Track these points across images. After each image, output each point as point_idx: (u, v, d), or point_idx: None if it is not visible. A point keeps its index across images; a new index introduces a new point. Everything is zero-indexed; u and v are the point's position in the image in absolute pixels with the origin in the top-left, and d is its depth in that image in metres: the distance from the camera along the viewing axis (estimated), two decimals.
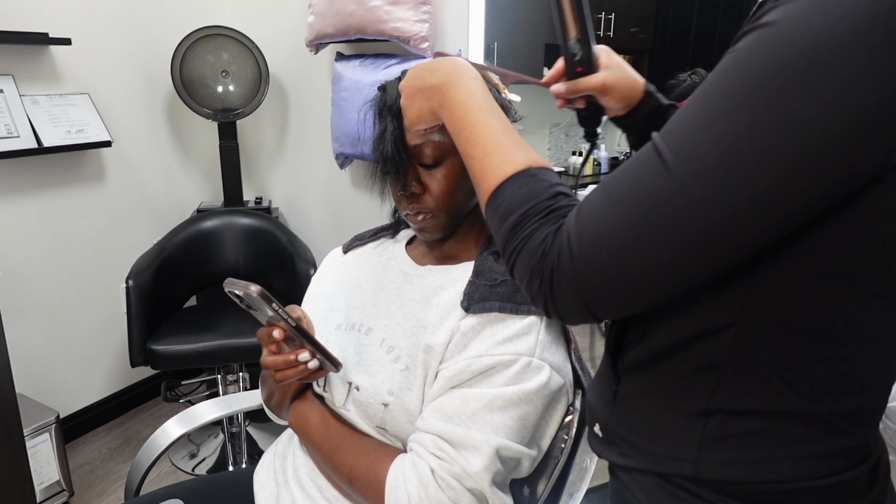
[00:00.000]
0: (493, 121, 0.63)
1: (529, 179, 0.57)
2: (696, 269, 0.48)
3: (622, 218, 0.48)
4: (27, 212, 1.95)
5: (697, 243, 0.46)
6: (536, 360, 0.78)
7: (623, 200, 0.49)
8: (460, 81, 0.67)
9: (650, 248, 0.47)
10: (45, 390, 2.05)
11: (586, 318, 0.53)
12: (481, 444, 0.74)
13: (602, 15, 3.41)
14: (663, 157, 0.47)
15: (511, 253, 0.56)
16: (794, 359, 0.52)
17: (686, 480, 0.57)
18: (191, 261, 2.12)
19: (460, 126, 0.64)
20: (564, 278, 0.51)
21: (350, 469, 0.81)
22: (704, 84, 0.47)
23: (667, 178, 0.46)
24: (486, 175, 0.60)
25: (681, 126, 0.47)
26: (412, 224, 0.90)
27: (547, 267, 0.52)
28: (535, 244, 0.53)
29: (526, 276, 0.54)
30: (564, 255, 0.51)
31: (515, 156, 0.59)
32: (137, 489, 1.11)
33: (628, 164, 0.51)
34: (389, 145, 0.84)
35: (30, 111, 1.87)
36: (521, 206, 0.55)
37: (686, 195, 0.45)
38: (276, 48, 2.33)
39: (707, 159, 0.45)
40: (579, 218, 0.51)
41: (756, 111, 0.43)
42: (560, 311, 0.53)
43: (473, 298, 0.81)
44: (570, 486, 0.89)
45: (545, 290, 0.53)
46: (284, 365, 0.80)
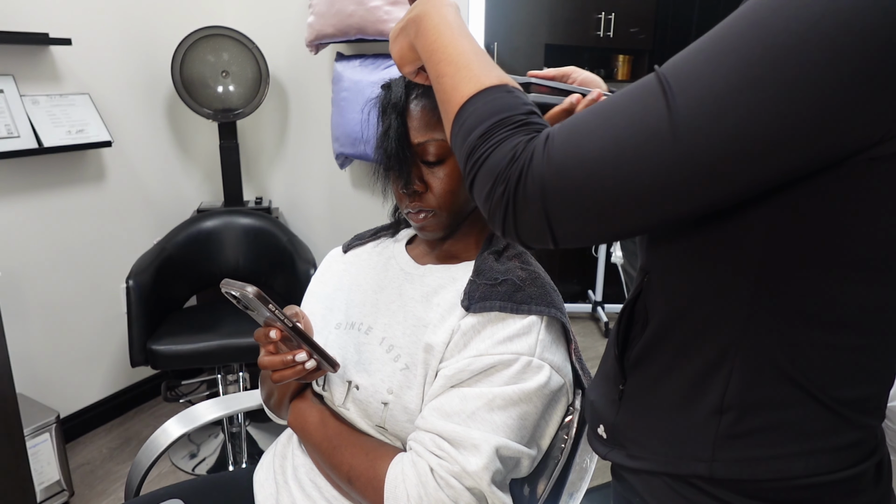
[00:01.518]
0: (464, 42, 0.61)
1: (504, 94, 0.55)
2: (673, 200, 0.46)
3: (610, 133, 0.47)
4: (27, 212, 1.95)
5: (683, 172, 0.45)
6: (536, 360, 0.78)
7: (615, 116, 0.47)
8: (433, 9, 0.65)
9: (633, 168, 0.46)
10: (46, 390, 2.05)
11: (544, 235, 0.50)
12: (481, 443, 0.74)
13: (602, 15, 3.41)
14: (664, 81, 0.46)
15: (475, 161, 0.53)
16: (807, 349, 0.52)
17: (701, 481, 0.56)
18: (191, 261, 2.12)
19: (432, 49, 0.62)
20: (533, 183, 0.49)
21: (349, 468, 0.81)
22: (718, 25, 0.47)
23: (664, 102, 0.45)
24: (458, 88, 0.57)
25: (687, 58, 0.46)
26: (413, 222, 0.90)
27: (515, 171, 0.49)
28: (506, 150, 0.51)
29: (489, 182, 0.52)
30: (538, 160, 0.49)
31: (490, 72, 0.57)
32: (137, 489, 1.11)
33: (625, 89, 0.49)
34: (393, 142, 0.84)
35: (30, 111, 1.87)
36: (494, 116, 0.53)
37: (682, 122, 0.44)
38: (277, 48, 2.33)
39: (710, 90, 0.44)
40: (562, 129, 0.49)
41: (765, 51, 0.42)
42: (519, 221, 0.51)
43: (474, 298, 0.82)
44: (570, 486, 0.89)
45: (508, 196, 0.50)
46: (282, 365, 0.80)
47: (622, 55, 3.67)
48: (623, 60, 3.69)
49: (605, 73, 3.70)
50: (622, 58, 3.68)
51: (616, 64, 3.71)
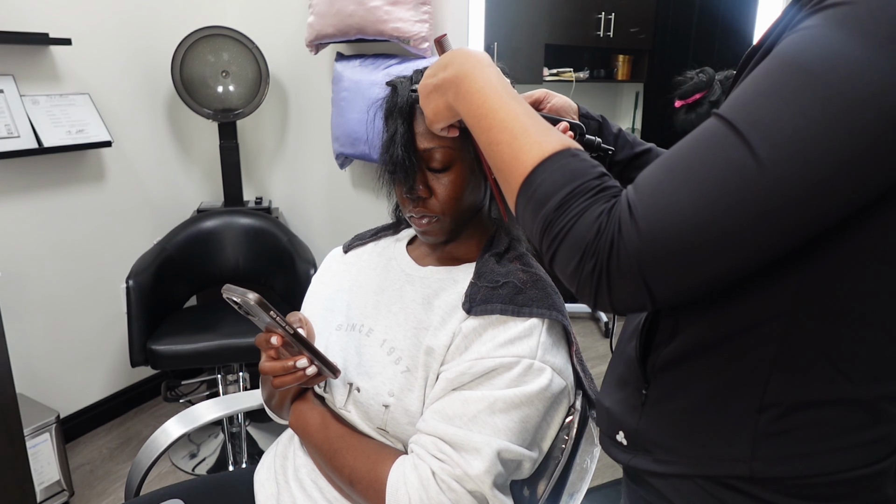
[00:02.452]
0: (515, 105, 0.60)
1: (570, 159, 0.53)
2: (776, 243, 0.46)
3: (695, 191, 0.46)
4: (27, 212, 1.95)
5: (781, 215, 0.45)
6: (538, 363, 0.78)
7: (695, 173, 0.46)
8: (474, 70, 0.64)
9: (728, 221, 0.45)
10: (46, 390, 2.05)
11: (643, 301, 0.49)
12: (482, 446, 0.74)
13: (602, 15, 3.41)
14: (738, 129, 0.45)
15: (556, 235, 0.51)
16: (846, 344, 0.52)
17: (740, 481, 0.56)
18: (191, 261, 2.12)
19: (480, 114, 0.61)
20: (627, 254, 0.47)
21: (351, 470, 0.81)
22: (772, 61, 0.47)
23: (746, 149, 0.44)
24: (520, 157, 0.55)
25: (753, 99, 0.46)
26: (416, 227, 0.89)
27: (604, 245, 0.48)
28: (588, 222, 0.49)
29: (576, 257, 0.50)
30: (627, 229, 0.47)
31: (549, 137, 0.56)
32: (137, 489, 1.11)
33: (691, 139, 0.49)
34: (399, 148, 0.83)
35: (30, 111, 1.87)
36: (566, 186, 0.51)
37: (768, 164, 0.44)
38: (276, 48, 2.33)
39: (792, 129, 0.43)
40: (640, 193, 0.48)
41: (841, 84, 0.42)
42: (615, 294, 0.49)
43: (475, 300, 0.81)
44: (571, 487, 0.89)
45: (600, 271, 0.49)
46: (283, 371, 0.80)
47: (622, 55, 3.67)
48: (623, 60, 3.69)
49: (605, 73, 3.70)
50: (622, 58, 3.68)
51: (616, 64, 3.71)
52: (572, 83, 3.31)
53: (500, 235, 0.92)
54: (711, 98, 1.58)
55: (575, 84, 3.31)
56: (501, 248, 0.88)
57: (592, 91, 3.74)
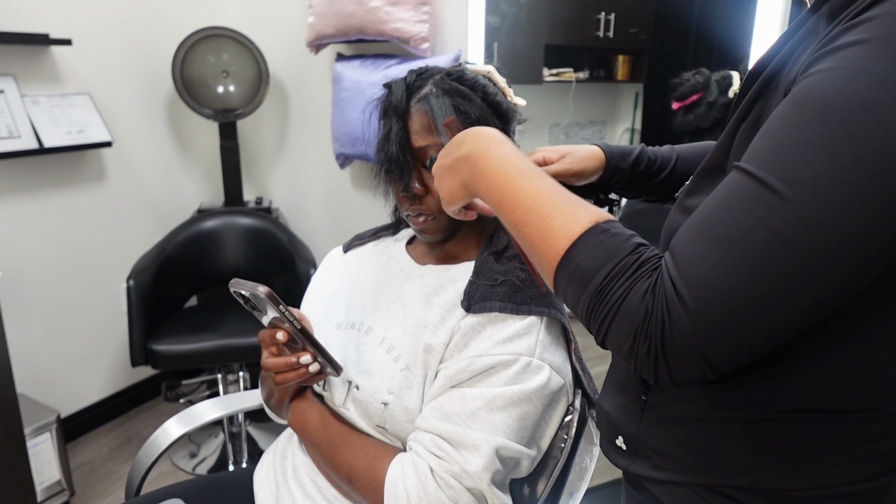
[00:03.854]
0: (537, 182, 0.57)
1: (602, 236, 0.51)
2: (833, 297, 0.45)
3: (742, 261, 0.44)
4: (28, 212, 1.96)
5: (834, 271, 0.43)
6: (536, 361, 0.78)
7: (736, 242, 0.44)
8: (489, 148, 0.61)
9: (782, 288, 0.43)
10: (46, 390, 2.05)
11: (704, 375, 0.48)
12: (481, 443, 0.74)
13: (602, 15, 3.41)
14: (772, 186, 0.43)
15: (603, 320, 0.50)
16: (853, 363, 0.51)
17: (740, 491, 0.55)
18: (191, 261, 2.12)
19: (501, 195, 0.58)
20: (680, 336, 0.46)
21: (349, 468, 0.81)
22: (794, 107, 0.45)
23: (786, 208, 0.43)
24: (550, 240, 0.53)
25: (784, 152, 0.44)
26: (413, 225, 0.90)
27: (655, 327, 0.47)
28: (634, 304, 0.48)
29: (628, 341, 0.49)
30: (676, 311, 0.46)
31: (578, 213, 0.53)
32: (138, 489, 1.11)
33: (723, 202, 0.46)
34: (394, 146, 0.84)
35: (31, 112, 1.87)
36: (604, 266, 0.50)
37: (815, 223, 0.42)
38: (277, 48, 2.33)
39: (831, 182, 0.42)
40: (682, 269, 0.46)
41: (874, 125, 0.41)
42: (675, 372, 0.48)
43: (474, 298, 0.82)
44: (570, 486, 0.89)
45: (655, 353, 0.47)
46: (286, 367, 0.80)
47: (622, 55, 3.67)
48: (623, 60, 3.68)
49: (605, 73, 3.70)
50: (622, 58, 3.68)
51: (616, 64, 3.71)
52: (572, 83, 3.31)
53: (498, 234, 0.92)
54: (709, 99, 1.58)
55: (575, 84, 3.31)
56: (500, 247, 0.89)
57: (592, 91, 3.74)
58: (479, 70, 0.89)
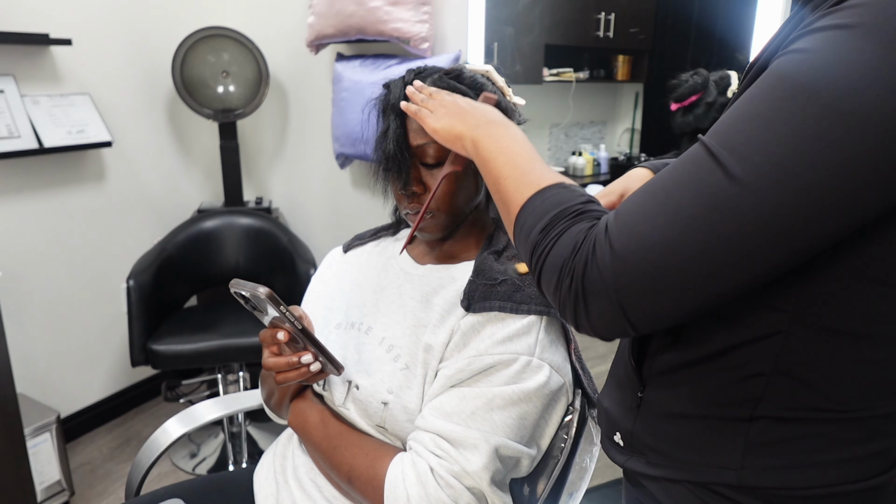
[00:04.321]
0: (532, 154, 0.64)
1: (561, 190, 0.56)
2: (752, 269, 0.46)
3: (671, 212, 0.46)
4: (28, 212, 1.95)
5: (762, 243, 0.44)
6: (536, 360, 0.78)
7: (670, 197, 0.47)
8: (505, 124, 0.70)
9: (701, 245, 0.45)
10: (46, 390, 2.05)
11: (622, 325, 0.49)
12: (480, 442, 0.74)
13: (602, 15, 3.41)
14: (719, 157, 0.45)
15: (539, 256, 0.53)
16: (842, 363, 0.51)
17: (728, 489, 0.56)
18: (191, 261, 2.12)
19: (496, 153, 0.65)
20: (598, 273, 0.48)
21: (349, 468, 0.81)
22: (758, 87, 0.46)
23: (723, 175, 0.44)
24: (519, 191, 0.59)
25: (735, 127, 0.46)
26: (412, 224, 0.90)
27: (580, 262, 0.49)
28: (566, 241, 0.51)
29: (555, 275, 0.51)
30: (601, 248, 0.48)
31: (551, 174, 0.59)
32: (138, 489, 1.11)
33: (675, 166, 0.49)
34: (392, 143, 0.84)
35: (31, 111, 1.87)
36: (551, 211, 0.54)
37: (751, 194, 0.43)
38: (277, 48, 2.33)
39: (772, 157, 0.43)
40: (619, 215, 0.49)
41: (823, 108, 0.42)
42: (592, 315, 0.49)
43: (473, 297, 0.82)
44: (570, 486, 0.89)
45: (576, 290, 0.49)
46: (287, 367, 0.80)
47: (622, 55, 3.67)
48: (623, 60, 3.69)
49: (605, 73, 3.70)
50: (622, 58, 3.68)
51: (616, 64, 3.71)
52: (572, 83, 3.31)
53: (498, 234, 0.92)
54: (708, 99, 1.58)
55: (575, 84, 3.32)
56: (500, 247, 0.89)
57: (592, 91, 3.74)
58: (477, 69, 0.89)
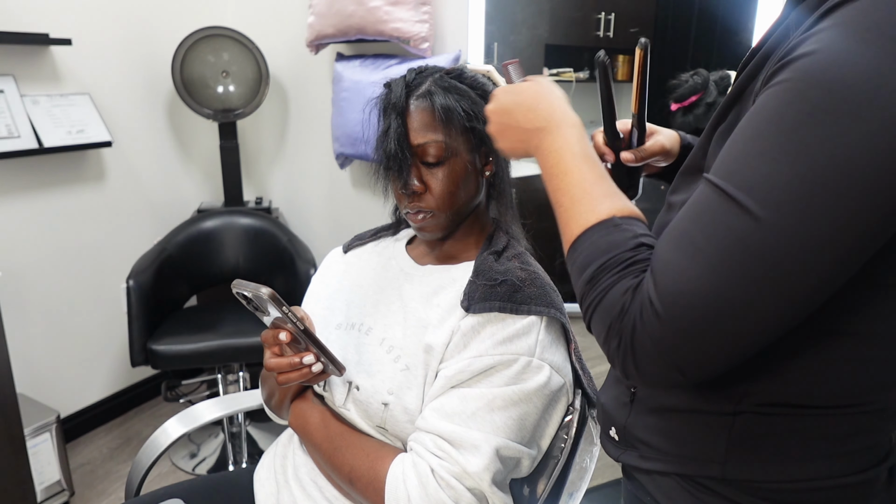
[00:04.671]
0: (584, 168, 0.60)
1: (611, 229, 0.54)
2: (797, 307, 0.46)
3: (705, 270, 0.45)
4: (28, 212, 1.95)
5: (797, 281, 0.44)
6: (536, 360, 0.78)
7: (700, 251, 0.46)
8: (558, 129, 0.64)
9: (745, 296, 0.45)
10: (46, 390, 2.05)
11: (675, 379, 0.49)
12: (481, 443, 0.74)
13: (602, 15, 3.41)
14: (736, 198, 0.45)
15: (588, 307, 0.53)
16: (828, 360, 0.52)
17: (713, 481, 0.57)
18: (191, 261, 2.12)
19: (552, 174, 0.62)
20: (650, 342, 0.48)
21: (350, 469, 0.81)
22: (754, 120, 0.46)
23: (747, 219, 0.44)
24: (570, 225, 0.57)
25: (747, 164, 0.45)
26: (412, 223, 0.90)
27: (627, 326, 0.49)
28: (614, 299, 0.50)
29: (603, 332, 0.51)
30: (648, 316, 0.47)
31: (601, 205, 0.56)
32: (138, 489, 1.11)
33: (691, 212, 0.48)
34: (393, 142, 0.84)
35: (30, 111, 1.87)
36: (600, 258, 0.53)
37: (776, 233, 0.43)
38: (277, 48, 2.33)
39: (790, 192, 0.43)
40: (656, 275, 0.48)
41: (829, 136, 0.42)
42: (643, 372, 0.50)
43: (474, 298, 0.82)
44: (570, 486, 0.89)
45: (625, 350, 0.50)
46: (289, 367, 0.80)
47: (622, 55, 3.67)
48: (623, 60, 3.68)
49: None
50: (622, 58, 3.68)
51: (616, 64, 3.71)
52: (572, 83, 3.31)
53: (498, 234, 0.92)
54: (708, 100, 1.58)
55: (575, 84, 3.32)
56: (500, 247, 0.89)
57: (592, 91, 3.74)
58: (478, 69, 0.90)
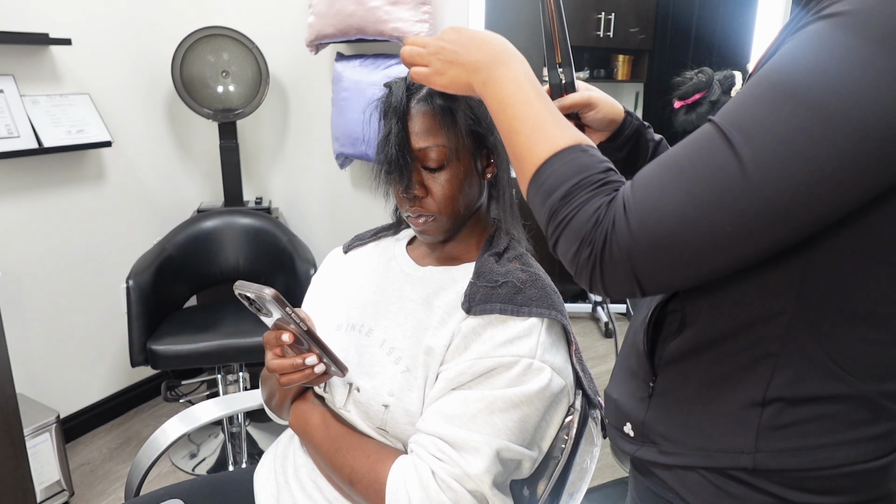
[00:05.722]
0: (544, 99, 0.63)
1: (580, 154, 0.57)
2: (752, 242, 0.48)
3: (684, 189, 0.49)
4: (27, 212, 1.95)
5: (759, 216, 0.47)
6: (537, 362, 0.78)
7: (684, 172, 0.49)
8: (512, 61, 0.66)
9: (712, 219, 0.47)
10: (46, 390, 2.05)
11: (632, 289, 0.53)
12: (482, 445, 0.74)
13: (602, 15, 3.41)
14: (728, 136, 0.47)
15: (559, 224, 0.55)
16: (848, 343, 0.53)
17: (744, 473, 0.57)
18: (191, 261, 2.12)
19: (509, 103, 0.64)
20: (619, 246, 0.51)
21: (350, 470, 0.81)
22: (765, 71, 0.48)
23: (731, 153, 0.47)
24: (534, 150, 0.59)
25: (743, 108, 0.48)
26: (413, 226, 0.90)
27: (600, 235, 0.52)
28: (588, 213, 0.53)
29: (574, 244, 0.54)
30: (620, 223, 0.51)
31: (565, 132, 0.59)
32: (137, 489, 1.11)
33: (686, 141, 0.51)
34: (394, 147, 0.84)
35: (30, 111, 1.87)
36: (573, 178, 0.55)
37: (752, 168, 0.46)
38: (276, 48, 2.33)
39: (772, 134, 0.45)
40: (636, 189, 0.51)
41: (825, 90, 0.44)
42: (607, 281, 0.53)
43: (474, 300, 0.81)
44: (571, 487, 0.89)
45: (594, 259, 0.52)
46: (291, 369, 0.80)
47: (622, 55, 3.67)
48: (623, 60, 3.68)
49: (605, 73, 3.70)
50: (622, 58, 3.68)
51: (616, 64, 3.70)
52: None
53: (499, 235, 0.92)
54: (711, 98, 1.58)
55: None
56: (500, 248, 0.89)
57: None
58: None
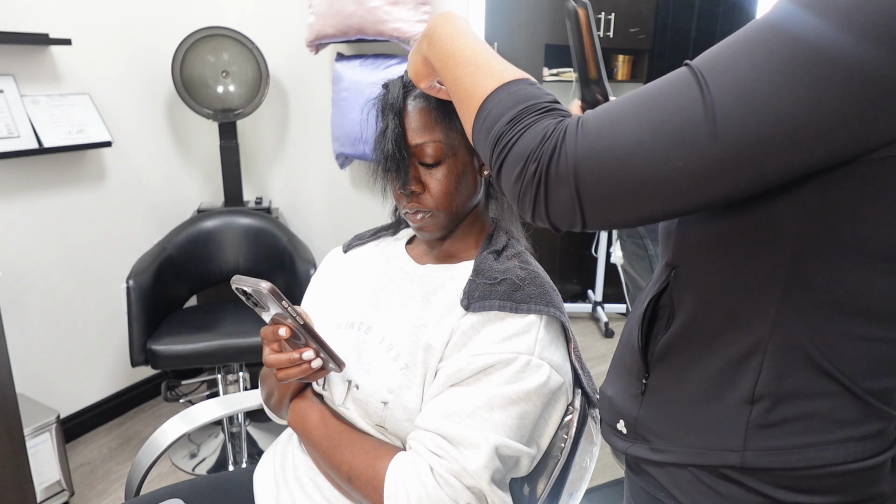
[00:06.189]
0: (480, 46, 0.64)
1: (528, 86, 0.57)
2: (704, 186, 0.47)
3: (645, 117, 0.48)
4: (27, 212, 1.95)
5: (715, 159, 0.46)
6: (536, 359, 0.78)
7: (649, 101, 0.48)
8: (444, 21, 0.68)
9: (666, 153, 0.46)
10: (46, 390, 2.05)
11: (574, 215, 0.51)
12: (480, 442, 0.74)
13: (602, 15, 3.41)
14: (697, 73, 0.47)
15: (504, 146, 0.54)
16: (837, 340, 0.52)
17: (732, 470, 0.57)
18: (191, 261, 2.12)
19: (447, 56, 0.64)
20: (567, 161, 0.49)
21: (349, 467, 0.81)
22: (749, 23, 0.48)
23: (699, 91, 0.46)
24: (479, 84, 0.59)
25: (719, 52, 0.48)
26: (411, 223, 0.90)
27: (548, 149, 0.50)
28: (536, 131, 0.52)
29: (520, 163, 0.52)
30: (571, 136, 0.50)
31: (510, 69, 0.59)
32: (138, 489, 1.11)
33: (660, 79, 0.51)
34: (391, 143, 0.84)
35: (30, 111, 1.87)
36: (521, 104, 0.54)
37: (716, 110, 0.45)
38: (277, 48, 2.33)
39: (743, 80, 0.45)
40: (598, 111, 0.50)
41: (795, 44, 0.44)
42: (550, 201, 0.51)
43: (473, 297, 0.82)
44: (570, 486, 0.89)
45: (540, 174, 0.51)
46: (288, 363, 0.80)
47: (622, 55, 3.67)
48: (623, 60, 3.68)
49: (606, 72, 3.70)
50: (622, 58, 3.68)
51: (616, 64, 3.70)
52: (572, 83, 3.31)
53: (498, 233, 0.92)
54: None
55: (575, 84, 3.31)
56: (499, 246, 0.89)
57: None
58: None
